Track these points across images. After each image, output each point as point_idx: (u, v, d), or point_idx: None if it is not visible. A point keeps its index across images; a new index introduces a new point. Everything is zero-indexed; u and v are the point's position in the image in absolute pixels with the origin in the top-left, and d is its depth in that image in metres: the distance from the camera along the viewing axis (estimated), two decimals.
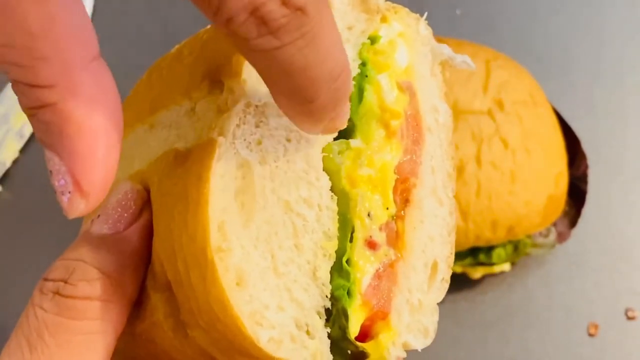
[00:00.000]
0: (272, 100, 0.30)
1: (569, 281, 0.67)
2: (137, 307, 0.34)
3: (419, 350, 0.35)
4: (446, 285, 0.37)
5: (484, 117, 0.62)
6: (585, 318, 0.66)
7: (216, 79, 0.32)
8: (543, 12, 0.76)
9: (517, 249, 0.64)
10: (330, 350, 0.33)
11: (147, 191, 0.34)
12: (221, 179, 0.30)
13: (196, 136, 0.32)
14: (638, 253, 0.67)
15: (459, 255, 0.63)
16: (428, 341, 0.35)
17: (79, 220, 0.75)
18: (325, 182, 0.33)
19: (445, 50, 0.39)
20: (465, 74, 0.62)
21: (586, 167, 0.65)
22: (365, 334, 0.34)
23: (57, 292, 0.32)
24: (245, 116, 0.31)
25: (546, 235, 0.64)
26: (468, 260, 0.63)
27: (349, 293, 0.33)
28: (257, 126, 0.32)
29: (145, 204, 0.34)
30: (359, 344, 0.33)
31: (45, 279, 0.33)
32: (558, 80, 0.72)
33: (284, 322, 0.31)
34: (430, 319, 0.36)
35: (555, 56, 0.74)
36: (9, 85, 0.76)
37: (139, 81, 0.41)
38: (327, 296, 0.33)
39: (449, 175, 0.38)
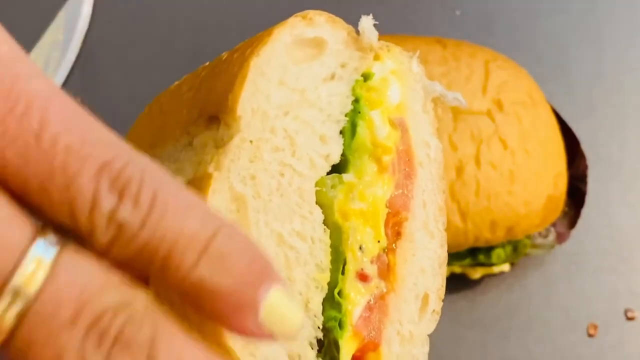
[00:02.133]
0: (266, 136, 0.32)
1: (568, 281, 0.67)
2: None
3: None
4: (437, 317, 0.37)
5: (483, 117, 0.62)
6: (584, 318, 0.66)
7: (213, 115, 0.33)
8: (543, 12, 0.76)
9: (516, 250, 0.64)
10: None
11: None
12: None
13: (193, 170, 0.33)
14: (638, 253, 0.67)
15: (458, 256, 0.63)
16: None
17: None
18: (318, 215, 0.34)
19: (437, 87, 0.40)
20: (465, 74, 0.62)
21: (585, 167, 0.65)
22: None
23: None
24: (240, 151, 0.32)
25: (545, 236, 0.64)
26: (467, 261, 0.63)
27: (340, 324, 0.34)
28: (251, 161, 0.33)
29: None
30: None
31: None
32: (557, 81, 0.72)
33: (276, 354, 0.31)
34: (421, 350, 0.37)
35: (554, 57, 0.74)
36: None
37: (140, 115, 0.42)
38: (319, 327, 0.33)
39: (440, 209, 0.39)
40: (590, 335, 0.65)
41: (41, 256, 0.23)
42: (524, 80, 0.64)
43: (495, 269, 0.64)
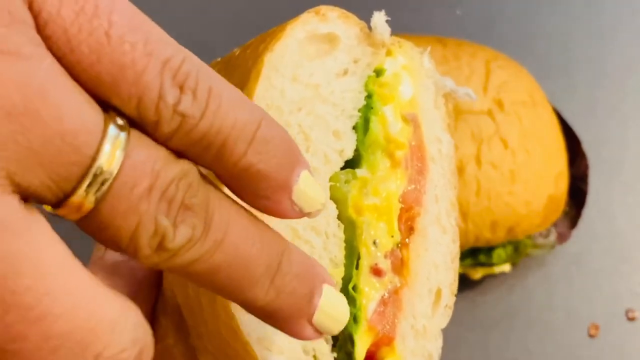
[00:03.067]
0: (294, 125, 0.32)
1: (569, 282, 0.67)
2: None
3: None
4: (450, 312, 0.38)
5: (484, 117, 0.61)
6: (585, 319, 0.65)
7: None
8: (543, 12, 0.76)
9: (517, 250, 0.64)
10: None
11: None
12: None
13: None
14: (639, 254, 0.67)
15: (459, 256, 0.62)
16: None
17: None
18: (332, 210, 0.34)
19: (448, 82, 0.40)
20: (465, 74, 0.62)
21: (586, 167, 0.65)
22: (370, 359, 0.34)
23: None
24: None
25: (546, 236, 0.64)
26: (468, 261, 0.63)
27: (355, 319, 0.34)
28: None
29: None
30: None
31: None
32: (558, 81, 0.72)
33: (291, 347, 0.32)
34: (434, 344, 0.37)
35: (555, 56, 0.74)
36: None
37: None
38: None
39: (452, 204, 0.39)
40: (591, 336, 0.65)
41: (116, 137, 0.26)
42: (524, 80, 0.64)
43: (496, 269, 0.64)
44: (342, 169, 0.36)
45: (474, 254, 0.63)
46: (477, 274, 0.64)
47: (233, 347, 0.31)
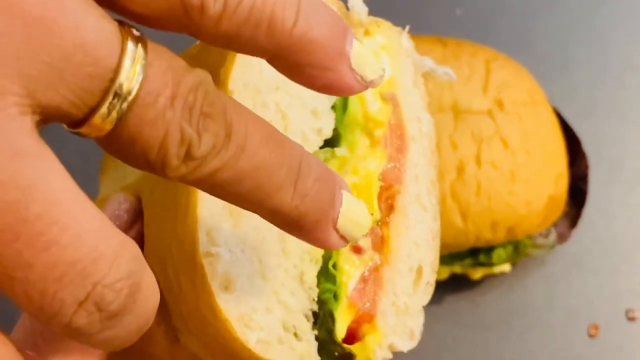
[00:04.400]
0: (258, 110, 0.32)
1: (569, 282, 0.67)
2: None
3: (405, 351, 0.36)
4: (431, 289, 0.38)
5: (484, 117, 0.61)
6: (585, 319, 0.65)
7: None
8: (543, 12, 0.76)
9: (517, 250, 0.64)
10: (318, 352, 0.34)
11: (140, 202, 0.36)
12: None
13: None
14: (639, 254, 0.67)
15: (459, 256, 0.62)
16: (414, 343, 0.36)
17: None
18: None
19: (427, 62, 0.40)
20: (466, 74, 0.62)
21: (587, 167, 0.65)
22: (352, 336, 0.35)
23: None
24: None
25: (546, 236, 0.64)
26: (468, 261, 0.63)
27: (335, 296, 0.34)
28: None
29: (137, 214, 0.35)
30: (345, 345, 0.34)
31: None
32: (558, 81, 0.72)
33: (271, 324, 0.32)
34: (416, 322, 0.37)
35: (555, 56, 0.74)
36: None
37: None
38: (314, 299, 0.34)
39: (432, 183, 0.39)
40: (591, 336, 0.65)
41: (135, 47, 0.26)
42: (525, 80, 0.64)
43: (496, 269, 0.64)
44: (321, 148, 0.36)
45: (474, 254, 0.63)
46: (477, 274, 0.64)
47: (214, 326, 0.31)
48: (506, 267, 0.64)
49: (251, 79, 0.33)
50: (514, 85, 0.63)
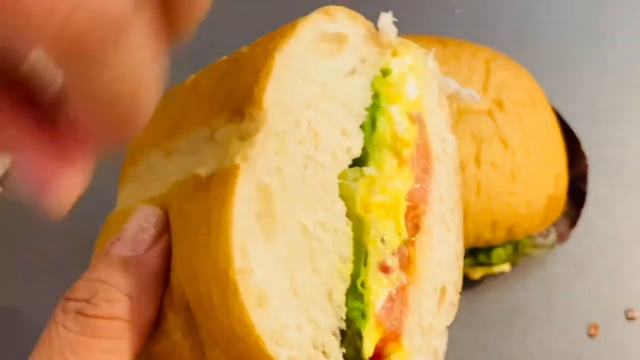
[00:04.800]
0: (290, 128, 0.33)
1: (569, 282, 0.67)
2: (154, 327, 0.35)
3: None
4: (454, 309, 0.38)
5: (484, 117, 0.61)
6: (585, 319, 0.66)
7: (236, 108, 0.34)
8: (543, 12, 0.76)
9: (517, 250, 0.64)
10: None
11: (167, 215, 0.36)
12: (243, 202, 0.32)
13: (217, 162, 0.34)
14: (638, 254, 0.67)
15: None
16: None
17: (79, 221, 0.75)
18: (340, 207, 0.35)
19: (452, 83, 0.41)
20: (466, 74, 0.62)
21: (586, 167, 0.65)
22: (378, 355, 0.35)
23: (79, 312, 0.33)
24: (266, 143, 0.33)
25: (546, 236, 0.64)
26: (468, 261, 0.63)
27: (363, 315, 0.34)
28: (277, 153, 0.33)
29: (164, 227, 0.36)
30: None
31: (68, 299, 0.34)
32: (558, 81, 0.72)
33: (302, 342, 0.32)
34: (440, 341, 0.38)
35: (555, 56, 0.74)
36: None
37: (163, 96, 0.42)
38: (342, 318, 0.34)
39: (456, 202, 0.40)
40: (590, 336, 0.65)
41: None
42: (524, 80, 0.64)
43: (496, 269, 0.64)
44: (349, 167, 0.36)
45: (473, 253, 0.63)
46: (477, 273, 0.64)
47: (244, 342, 0.31)
48: (506, 267, 0.64)
49: (284, 98, 0.34)
50: (514, 86, 0.63)
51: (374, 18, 0.40)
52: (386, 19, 0.37)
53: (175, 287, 0.34)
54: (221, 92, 0.36)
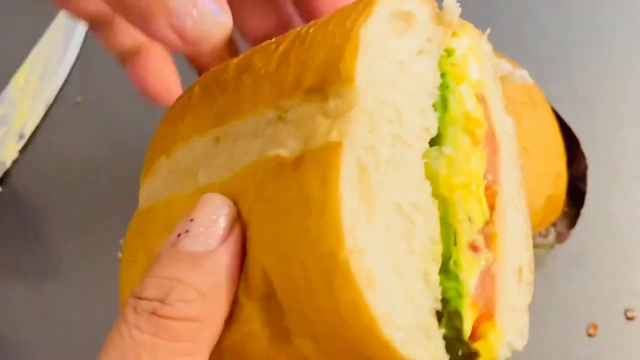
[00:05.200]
0: (378, 107, 0.32)
1: (568, 281, 0.67)
2: (226, 320, 0.34)
3: (520, 349, 0.37)
4: (531, 289, 0.38)
5: None
6: (584, 318, 0.66)
7: (313, 87, 0.33)
8: (542, 12, 0.76)
9: None
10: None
11: (236, 204, 0.34)
12: (347, 181, 0.31)
13: (301, 142, 0.33)
14: (638, 253, 0.67)
15: None
16: (524, 341, 0.37)
17: (79, 221, 0.75)
18: (427, 187, 0.34)
19: (505, 65, 0.40)
20: None
21: (585, 167, 0.65)
22: (473, 335, 0.34)
23: (154, 313, 0.31)
24: (359, 121, 0.32)
25: (545, 236, 0.64)
26: None
27: (459, 294, 0.34)
28: (370, 131, 0.32)
29: (236, 218, 0.34)
30: (472, 344, 0.34)
31: (139, 297, 0.32)
32: (557, 81, 0.72)
33: (408, 324, 0.32)
34: (524, 320, 0.38)
35: (554, 57, 0.74)
36: (9, 85, 0.76)
37: (184, 93, 0.42)
38: (438, 298, 0.33)
39: (520, 184, 0.39)
40: (590, 335, 0.65)
41: None
42: None
43: None
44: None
45: None
46: None
47: (352, 326, 0.30)
48: None
49: (370, 75, 0.33)
50: (513, 86, 0.63)
51: None
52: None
53: (255, 275, 0.33)
54: (287, 73, 0.35)
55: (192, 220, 0.33)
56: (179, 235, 0.33)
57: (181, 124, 0.39)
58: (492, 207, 0.37)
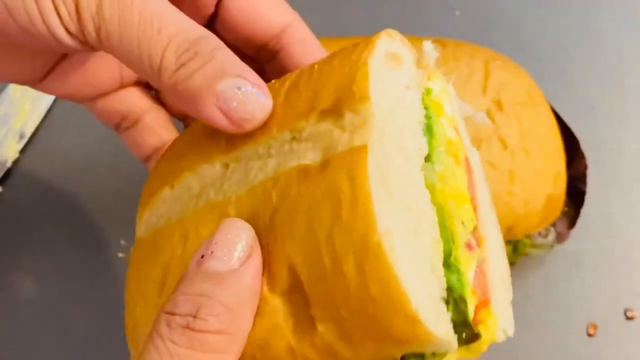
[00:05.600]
0: (388, 124, 0.37)
1: (568, 281, 0.67)
2: None
3: (510, 336, 0.41)
4: (510, 291, 0.43)
5: (483, 117, 0.62)
6: (584, 318, 0.66)
7: (327, 109, 0.38)
8: (542, 13, 0.76)
9: (516, 249, 0.64)
10: None
11: (254, 225, 0.38)
12: (373, 178, 0.35)
13: (321, 152, 0.38)
14: (637, 253, 0.68)
15: None
16: (512, 332, 0.41)
17: (79, 221, 0.75)
18: (427, 195, 0.39)
19: (467, 107, 0.46)
20: (465, 74, 0.62)
21: (585, 167, 0.65)
22: (473, 320, 0.39)
23: (187, 327, 0.35)
24: (374, 132, 0.37)
25: (545, 236, 0.64)
26: None
27: (461, 283, 0.38)
28: (381, 143, 0.37)
29: (254, 240, 0.37)
30: (475, 326, 0.38)
31: (172, 313, 0.35)
32: (557, 81, 0.72)
33: (428, 304, 0.35)
34: (510, 313, 0.42)
35: (554, 57, 0.74)
36: (10, 85, 0.76)
37: (182, 135, 0.46)
38: (444, 287, 0.38)
39: (490, 205, 0.45)
40: (589, 335, 0.65)
41: None
42: (523, 80, 0.64)
43: None
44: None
45: None
46: None
47: (379, 301, 0.34)
48: None
49: (377, 96, 0.38)
50: (513, 86, 0.63)
51: (372, 17, 0.41)
52: (428, 46, 0.43)
53: (280, 270, 0.36)
54: (297, 99, 0.40)
55: (215, 242, 0.37)
56: (202, 256, 0.37)
57: (186, 158, 0.43)
58: (476, 217, 0.42)
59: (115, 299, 0.42)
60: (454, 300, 0.38)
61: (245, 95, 0.38)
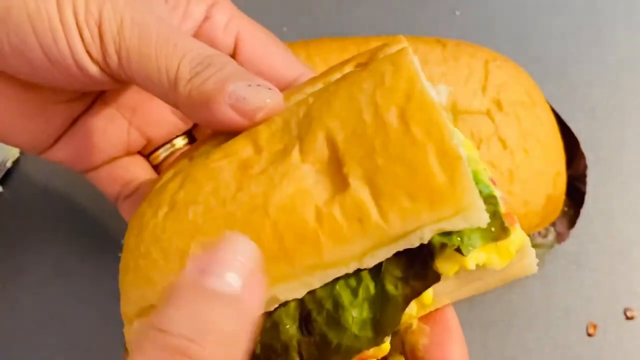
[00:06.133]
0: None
1: (567, 281, 0.67)
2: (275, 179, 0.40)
3: (534, 272, 0.41)
4: None
5: (483, 117, 0.62)
6: (584, 318, 0.66)
7: (363, 62, 0.42)
8: (542, 13, 0.76)
9: None
10: None
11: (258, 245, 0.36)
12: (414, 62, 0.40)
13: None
14: (637, 253, 0.68)
15: None
16: (535, 270, 0.42)
17: (79, 221, 0.75)
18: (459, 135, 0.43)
19: (459, 134, 0.48)
20: (464, 74, 0.62)
21: (585, 167, 0.65)
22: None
23: (184, 354, 0.30)
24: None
25: (545, 236, 0.64)
26: None
27: (491, 193, 0.40)
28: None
29: (258, 260, 0.34)
30: (506, 221, 0.38)
31: (168, 333, 0.31)
32: (557, 81, 0.72)
33: (464, 163, 0.37)
34: (533, 255, 0.42)
35: (554, 57, 0.74)
36: None
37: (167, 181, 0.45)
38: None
39: None
40: (589, 335, 0.65)
41: None
42: (523, 81, 0.64)
43: None
44: None
45: None
46: None
47: (419, 141, 0.35)
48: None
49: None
50: (513, 86, 0.63)
51: (372, 17, 0.41)
52: (443, 91, 0.47)
53: (313, 141, 0.38)
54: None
55: (216, 258, 0.33)
56: (200, 270, 0.32)
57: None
58: None
59: (115, 299, 0.42)
60: (484, 196, 0.38)
61: (255, 88, 0.39)
